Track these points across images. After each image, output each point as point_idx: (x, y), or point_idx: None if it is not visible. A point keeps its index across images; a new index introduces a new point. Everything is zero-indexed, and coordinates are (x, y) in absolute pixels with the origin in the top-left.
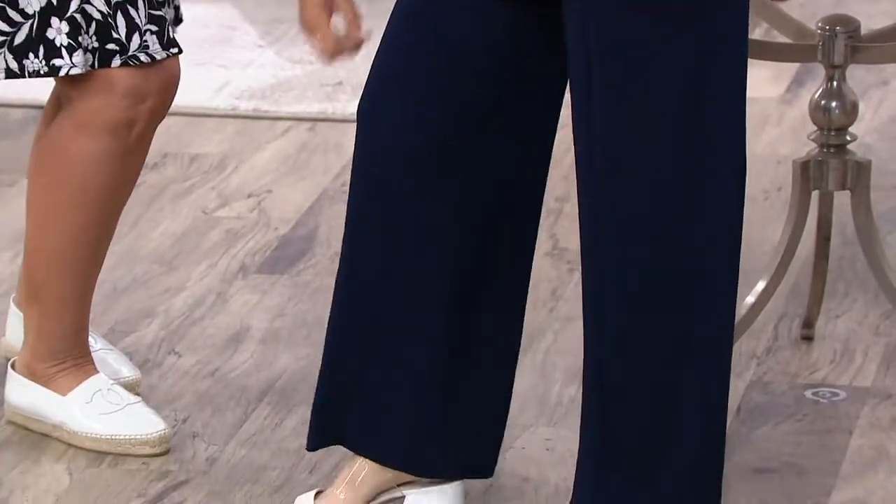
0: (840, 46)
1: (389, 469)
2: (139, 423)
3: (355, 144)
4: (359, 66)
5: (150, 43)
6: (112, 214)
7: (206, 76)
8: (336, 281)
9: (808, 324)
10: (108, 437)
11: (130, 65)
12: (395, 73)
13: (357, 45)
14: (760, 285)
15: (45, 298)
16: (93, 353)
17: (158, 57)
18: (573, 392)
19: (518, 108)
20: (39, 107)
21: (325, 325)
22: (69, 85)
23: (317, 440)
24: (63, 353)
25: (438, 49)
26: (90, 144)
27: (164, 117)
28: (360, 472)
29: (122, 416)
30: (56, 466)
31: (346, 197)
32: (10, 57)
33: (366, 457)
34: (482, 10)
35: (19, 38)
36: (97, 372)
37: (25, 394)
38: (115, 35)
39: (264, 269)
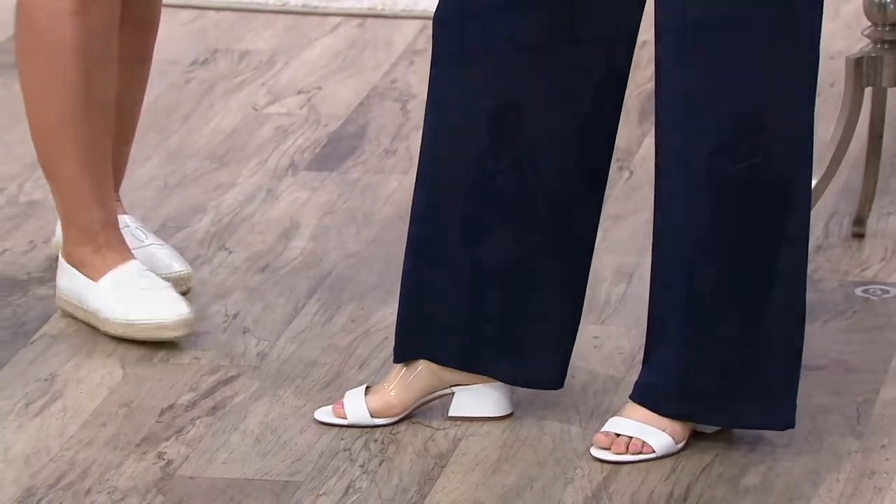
0: None
1: (446, 373)
2: (158, 307)
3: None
4: None
5: None
6: (96, 81)
7: None
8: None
9: (859, 221)
10: (127, 322)
11: None
12: None
13: None
14: (812, 182)
15: (53, 173)
16: (143, 249)
17: None
18: (621, 290)
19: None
20: None
21: (374, 223)
22: None
23: (402, 352)
24: (92, 234)
25: None
26: (47, 1)
27: None
28: (414, 371)
29: (144, 300)
30: (108, 360)
31: (395, 94)
32: None
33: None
34: None
35: None
36: (131, 258)
37: (67, 279)
38: None
39: (314, 166)
